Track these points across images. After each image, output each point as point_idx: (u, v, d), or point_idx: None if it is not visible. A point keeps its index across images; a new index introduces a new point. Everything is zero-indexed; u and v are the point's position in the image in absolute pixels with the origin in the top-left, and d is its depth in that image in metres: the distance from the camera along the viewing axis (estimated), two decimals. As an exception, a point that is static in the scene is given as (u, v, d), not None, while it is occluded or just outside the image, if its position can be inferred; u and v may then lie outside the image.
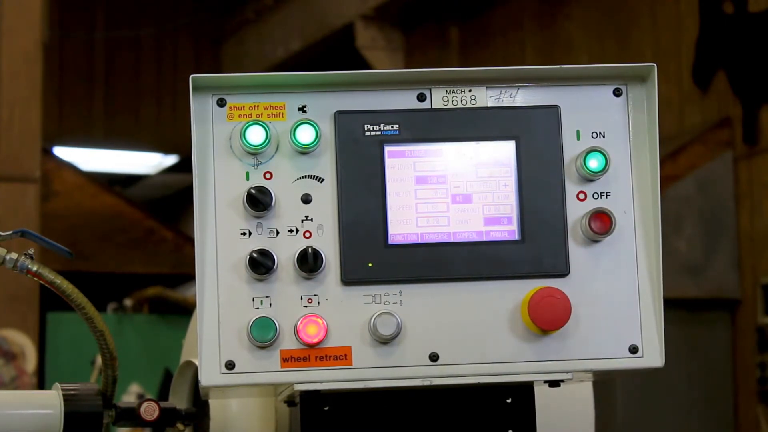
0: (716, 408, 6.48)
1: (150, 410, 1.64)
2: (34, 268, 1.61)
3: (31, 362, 6.00)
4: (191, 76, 1.52)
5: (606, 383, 5.45)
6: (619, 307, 1.55)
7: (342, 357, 1.50)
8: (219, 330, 1.50)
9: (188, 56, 11.61)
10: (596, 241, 1.55)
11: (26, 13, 6.83)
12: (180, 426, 1.69)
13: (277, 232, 1.52)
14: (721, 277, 6.50)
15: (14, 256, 1.62)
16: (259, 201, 1.50)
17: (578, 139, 1.57)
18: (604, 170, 1.55)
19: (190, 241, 7.72)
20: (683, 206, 6.40)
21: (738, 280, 6.53)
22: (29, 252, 1.62)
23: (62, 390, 1.64)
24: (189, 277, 7.52)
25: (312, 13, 9.89)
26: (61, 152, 10.29)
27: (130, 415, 1.65)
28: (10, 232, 1.63)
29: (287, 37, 10.28)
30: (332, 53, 9.88)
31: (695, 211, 6.47)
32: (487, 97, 1.57)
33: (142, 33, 11.33)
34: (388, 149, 1.53)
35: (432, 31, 9.32)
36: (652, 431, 6.29)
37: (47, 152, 8.04)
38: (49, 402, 1.63)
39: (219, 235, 1.51)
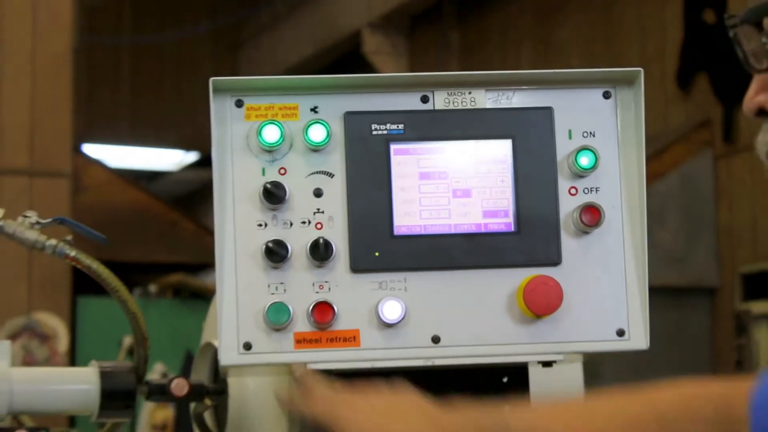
0: (697, 388, 6.47)
1: (180, 386, 1.64)
2: (72, 254, 1.61)
3: (63, 343, 6.01)
4: (211, 78, 1.52)
5: (595, 363, 5.45)
6: (607, 293, 1.55)
7: (351, 339, 1.51)
8: (237, 314, 1.50)
9: (208, 60, 11.60)
10: (586, 233, 1.55)
11: (57, 18, 6.84)
12: (208, 401, 1.69)
13: (291, 224, 1.52)
14: (701, 266, 6.49)
15: (54, 242, 1.62)
16: (274, 195, 1.50)
17: (570, 138, 1.57)
18: (594, 167, 1.55)
19: (210, 232, 7.71)
20: (667, 201, 6.39)
21: (717, 270, 6.52)
22: (68, 238, 1.62)
23: (99, 367, 1.64)
24: (209, 265, 7.51)
25: (322, 21, 9.89)
26: (90, 150, 10.28)
27: (162, 391, 1.65)
28: (50, 219, 1.63)
29: (300, 43, 10.27)
30: (341, 58, 9.88)
31: (678, 206, 6.46)
32: (485, 99, 1.57)
33: (165, 38, 11.32)
34: (393, 147, 1.54)
35: (434, 36, 9.31)
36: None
37: (77, 150, 8.04)
38: (88, 378, 1.64)
39: (237, 227, 1.52)
